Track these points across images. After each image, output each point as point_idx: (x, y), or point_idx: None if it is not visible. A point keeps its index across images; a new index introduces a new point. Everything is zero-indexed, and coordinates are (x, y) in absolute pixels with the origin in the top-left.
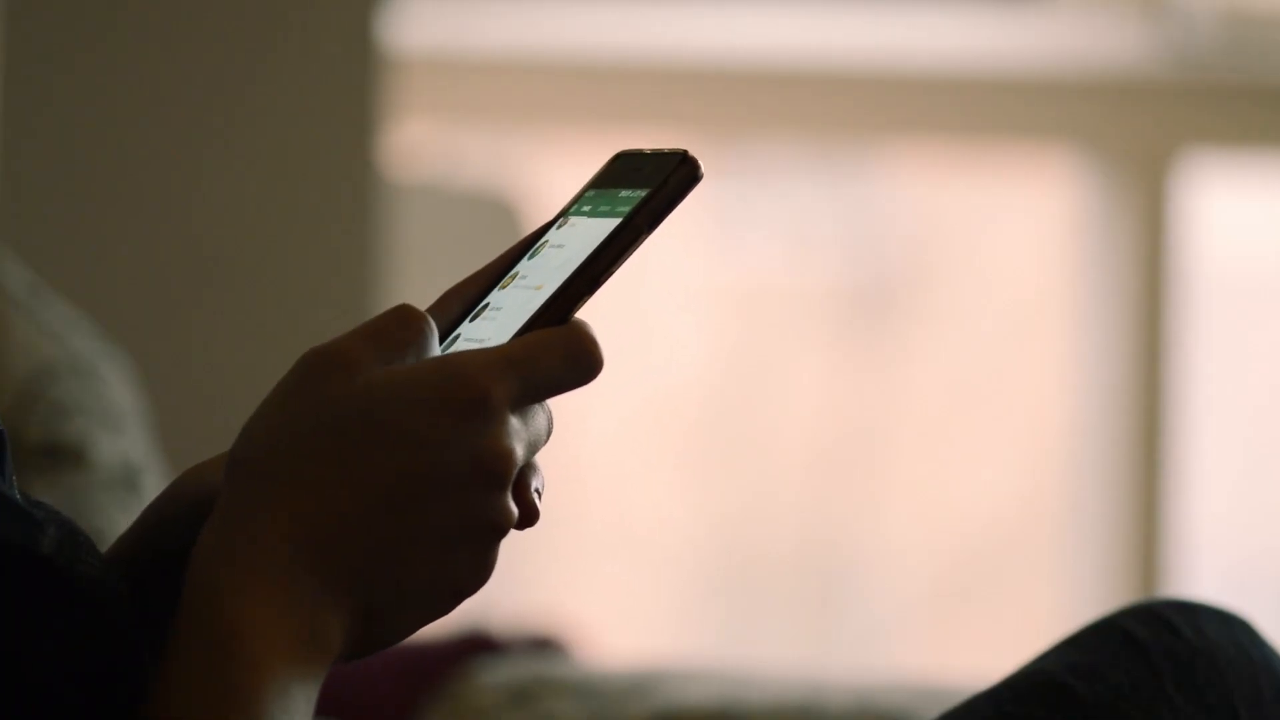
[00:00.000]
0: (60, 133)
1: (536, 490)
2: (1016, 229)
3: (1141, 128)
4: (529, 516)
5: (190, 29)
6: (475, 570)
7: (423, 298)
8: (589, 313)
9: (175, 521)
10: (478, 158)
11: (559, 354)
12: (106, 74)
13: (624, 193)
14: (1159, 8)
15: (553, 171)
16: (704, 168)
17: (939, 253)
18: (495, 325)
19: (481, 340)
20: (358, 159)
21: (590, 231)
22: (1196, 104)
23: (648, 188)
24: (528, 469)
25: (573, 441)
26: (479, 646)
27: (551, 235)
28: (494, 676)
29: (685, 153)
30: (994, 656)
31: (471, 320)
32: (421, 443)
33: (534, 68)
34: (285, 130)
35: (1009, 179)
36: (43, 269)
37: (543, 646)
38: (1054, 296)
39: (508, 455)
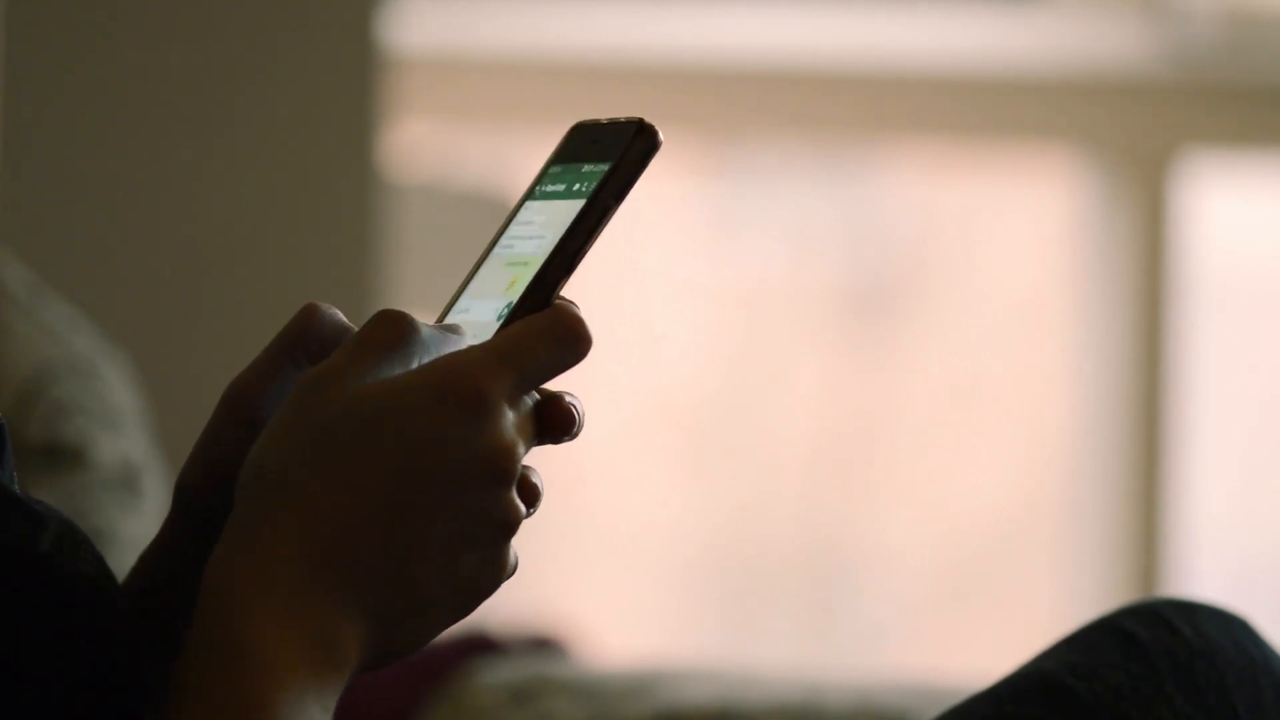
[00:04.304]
0: (60, 133)
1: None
2: (1016, 229)
3: (1141, 128)
4: (533, 499)
5: (190, 29)
6: (490, 569)
7: (423, 298)
8: (586, 305)
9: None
10: (477, 158)
11: (548, 339)
12: (106, 74)
13: (586, 167)
14: (1159, 8)
15: None
16: (661, 134)
17: (939, 253)
18: (475, 311)
19: (465, 321)
20: (358, 159)
21: (560, 213)
22: (1196, 104)
23: (609, 161)
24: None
25: (573, 441)
26: (479, 646)
27: (521, 214)
28: (494, 676)
29: (641, 121)
30: (994, 656)
31: (453, 309)
32: (423, 446)
33: (534, 68)
34: (285, 130)
35: (1009, 179)
36: (43, 269)
37: (543, 646)
38: (1054, 297)
39: (510, 450)
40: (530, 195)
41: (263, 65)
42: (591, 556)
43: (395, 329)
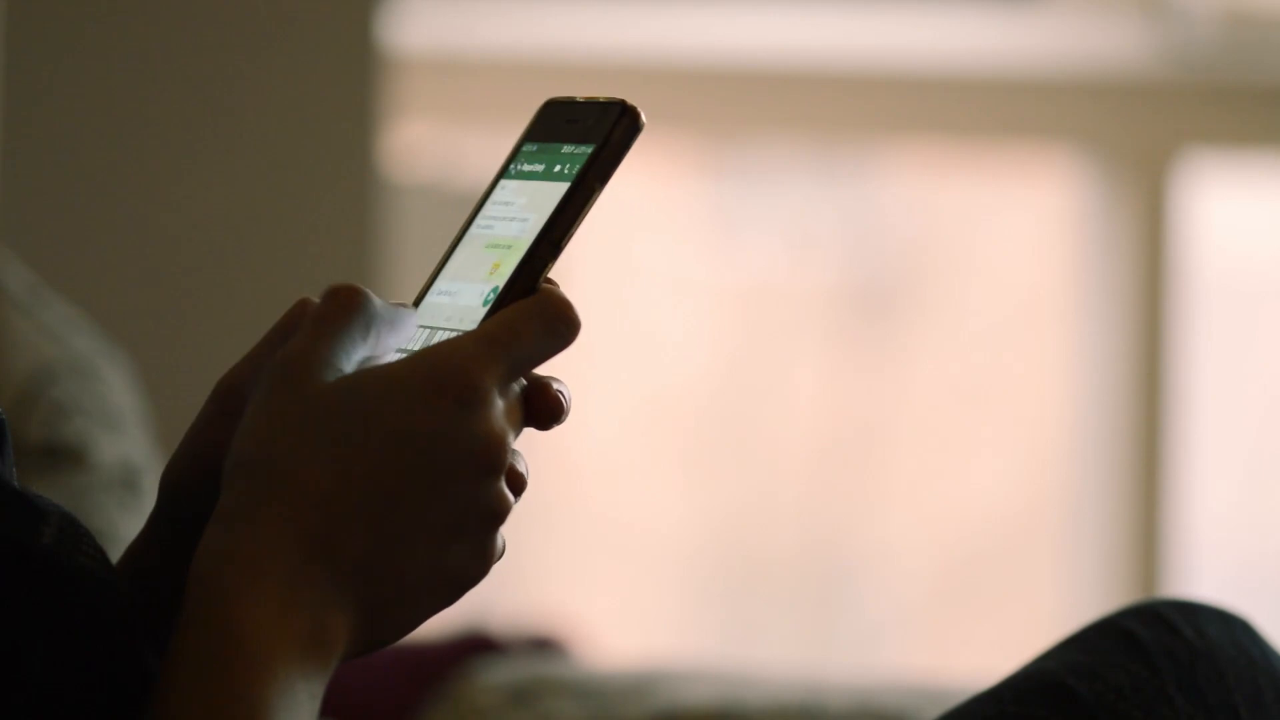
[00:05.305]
0: (60, 133)
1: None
2: (1016, 229)
3: (1141, 128)
4: (519, 488)
5: (190, 29)
6: (477, 559)
7: None
8: (586, 304)
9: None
10: (477, 158)
11: (537, 324)
12: (106, 74)
13: (566, 148)
14: (1159, 8)
15: None
16: (644, 116)
17: (939, 252)
18: (459, 295)
19: (450, 304)
20: (358, 159)
21: (542, 195)
22: (1196, 104)
23: (592, 143)
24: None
25: (573, 442)
26: (479, 646)
27: (497, 194)
28: (494, 676)
29: (624, 103)
30: (994, 656)
31: (434, 290)
32: (416, 436)
33: (534, 68)
34: (285, 130)
35: (1009, 179)
36: (43, 269)
37: (543, 646)
38: (1054, 296)
39: (500, 441)
40: (505, 174)
41: (263, 65)
42: (591, 556)
43: (349, 303)
